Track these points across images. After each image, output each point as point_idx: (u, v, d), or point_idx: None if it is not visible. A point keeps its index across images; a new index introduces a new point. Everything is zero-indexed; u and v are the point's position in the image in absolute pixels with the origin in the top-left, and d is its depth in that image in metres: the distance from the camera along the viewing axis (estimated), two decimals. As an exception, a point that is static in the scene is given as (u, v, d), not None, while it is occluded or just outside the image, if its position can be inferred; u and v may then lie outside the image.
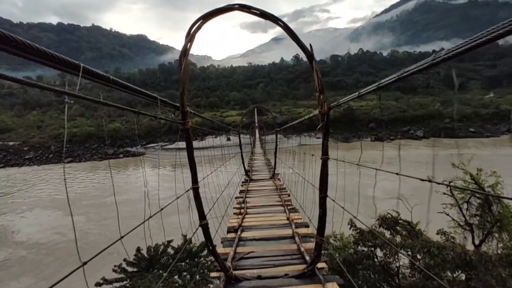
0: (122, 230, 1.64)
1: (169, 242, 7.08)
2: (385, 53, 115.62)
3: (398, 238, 4.70)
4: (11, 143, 52.01)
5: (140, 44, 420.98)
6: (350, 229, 5.17)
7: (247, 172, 9.29)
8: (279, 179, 8.63)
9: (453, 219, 5.23)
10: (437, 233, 4.97)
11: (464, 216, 5.05)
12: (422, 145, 40.24)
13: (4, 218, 20.06)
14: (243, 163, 9.47)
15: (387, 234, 4.90)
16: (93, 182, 29.48)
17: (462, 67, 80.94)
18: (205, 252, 6.85)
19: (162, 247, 6.90)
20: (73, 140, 51.90)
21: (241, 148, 9.69)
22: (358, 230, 4.81)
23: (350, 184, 3.13)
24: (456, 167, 5.03)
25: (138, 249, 6.81)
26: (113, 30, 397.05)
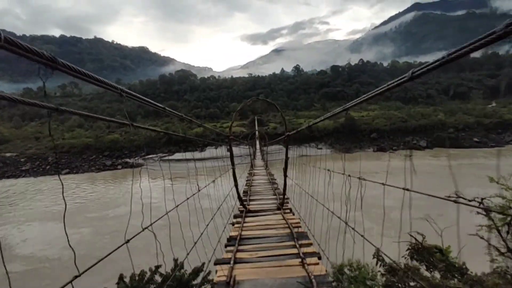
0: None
1: (157, 268, 6.11)
2: (385, 64, 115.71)
3: (437, 274, 3.83)
4: (8, 155, 51.36)
5: (142, 56, 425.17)
6: (377, 264, 4.25)
7: (242, 200, 6.60)
8: (290, 209, 6.30)
9: (490, 244, 4.38)
10: (493, 272, 4.10)
11: (504, 241, 4.22)
12: (427, 155, 39.28)
13: (4, 230, 19.22)
14: (236, 186, 6.37)
15: (419, 265, 4.04)
16: (94, 193, 28.69)
17: (462, 76, 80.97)
18: (198, 281, 5.89)
19: (148, 273, 5.96)
20: (70, 151, 51.15)
21: (233, 164, 6.36)
22: (387, 267, 3.93)
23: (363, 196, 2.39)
24: (495, 181, 4.20)
25: (121, 277, 5.86)
26: (115, 42, 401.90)
